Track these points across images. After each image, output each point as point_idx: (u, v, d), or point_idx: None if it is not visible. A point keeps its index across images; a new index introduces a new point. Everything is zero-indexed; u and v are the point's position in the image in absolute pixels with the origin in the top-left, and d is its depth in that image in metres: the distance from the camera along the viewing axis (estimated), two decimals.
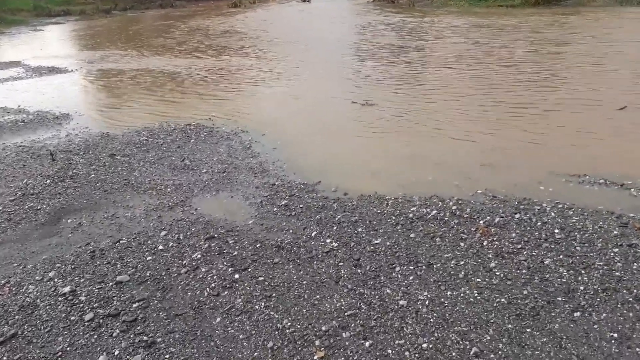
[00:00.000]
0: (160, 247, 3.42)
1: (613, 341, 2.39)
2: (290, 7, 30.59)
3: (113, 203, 4.26)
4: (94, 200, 4.31)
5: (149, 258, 3.28)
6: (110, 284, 3.04)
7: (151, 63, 12.03)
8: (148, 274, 3.11)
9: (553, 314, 2.58)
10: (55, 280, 3.09)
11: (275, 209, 3.99)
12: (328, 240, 3.39)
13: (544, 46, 10.79)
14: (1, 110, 7.82)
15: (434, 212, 3.76)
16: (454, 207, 3.82)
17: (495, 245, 3.23)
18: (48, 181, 4.74)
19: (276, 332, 2.57)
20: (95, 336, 2.60)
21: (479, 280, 2.89)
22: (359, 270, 3.03)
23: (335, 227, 3.58)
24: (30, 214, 4.05)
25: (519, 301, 2.69)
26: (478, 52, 10.78)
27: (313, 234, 3.50)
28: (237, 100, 7.97)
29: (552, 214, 3.61)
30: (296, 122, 6.62)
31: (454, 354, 2.36)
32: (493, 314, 2.60)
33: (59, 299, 2.91)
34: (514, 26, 14.18)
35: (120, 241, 3.53)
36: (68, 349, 2.53)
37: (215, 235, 3.55)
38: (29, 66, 12.35)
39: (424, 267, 3.04)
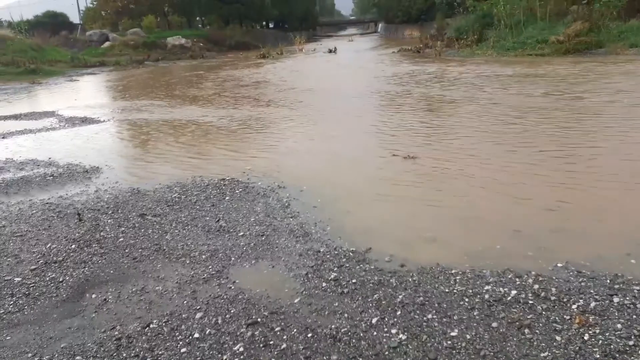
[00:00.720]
0: (196, 335, 2.93)
1: None
2: (317, 57, 31.10)
3: (142, 273, 3.83)
4: (122, 270, 3.89)
5: (183, 350, 2.79)
6: None
7: (183, 114, 11.94)
8: None
9: None
10: None
11: (323, 283, 3.49)
12: (394, 331, 2.85)
13: (599, 96, 10.30)
14: (31, 163, 7.64)
15: (514, 292, 3.19)
16: (536, 286, 3.25)
17: (600, 341, 2.64)
18: (73, 246, 4.36)
19: None
20: None
21: None
22: None
23: (399, 312, 3.04)
24: (51, 288, 3.63)
25: None
26: (522, 101, 10.34)
27: (373, 321, 2.96)
28: (272, 153, 7.63)
29: None
30: (335, 177, 6.19)
31: None
32: None
33: None
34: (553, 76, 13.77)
35: (151, 325, 3.06)
36: None
37: (259, 320, 3.05)
38: (62, 116, 12.41)
39: None
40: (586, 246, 3.87)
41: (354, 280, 3.48)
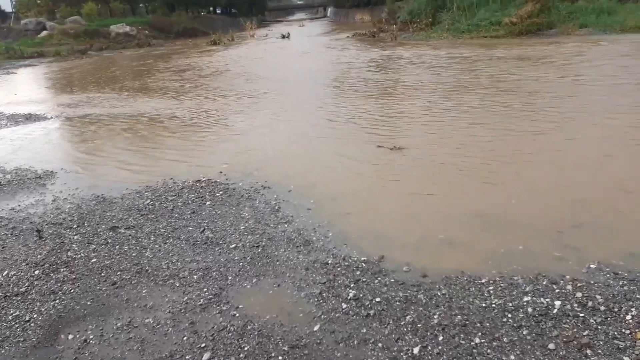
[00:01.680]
0: None
1: None
2: (271, 44, 30.24)
3: (126, 302, 3.27)
4: (101, 300, 3.31)
5: None
6: None
7: (137, 107, 11.09)
8: None
9: None
10: None
11: (343, 304, 3.06)
12: None
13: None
14: None
15: (557, 302, 2.88)
16: (579, 295, 2.95)
17: None
18: (37, 272, 3.72)
19: None
20: None
21: None
22: None
23: (440, 337, 2.66)
24: (17, 330, 3.02)
25: None
26: (516, 83, 10.20)
27: (415, 351, 2.57)
28: (245, 149, 7.06)
29: None
30: (322, 174, 5.75)
31: None
32: None
33: None
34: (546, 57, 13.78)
35: None
36: None
37: (280, 359, 2.59)
38: (2, 114, 11.27)
39: None
40: (613, 242, 3.63)
41: (377, 299, 3.07)
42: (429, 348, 2.58)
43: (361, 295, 3.13)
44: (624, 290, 2.97)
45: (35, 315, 3.15)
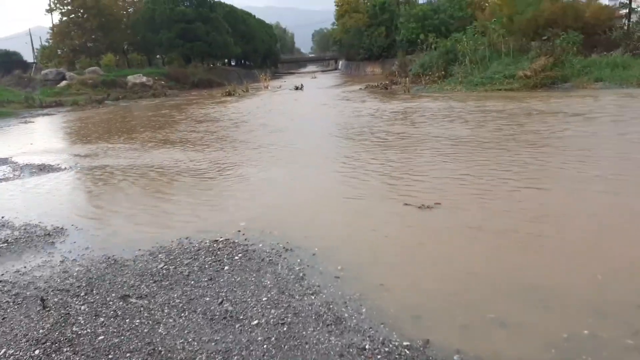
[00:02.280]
0: None
1: None
2: (284, 95, 30.62)
3: None
4: None
5: None
6: None
7: (153, 159, 10.90)
8: None
9: None
10: None
11: None
12: None
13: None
14: None
15: None
16: None
17: None
18: (37, 351, 3.31)
19: None
20: None
21: None
22: None
23: None
24: None
25: None
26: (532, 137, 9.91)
27: None
28: (264, 202, 6.75)
29: None
30: (348, 235, 5.37)
31: None
32: None
33: None
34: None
35: None
36: None
37: None
38: (16, 164, 11.14)
39: None
40: None
41: None
42: None
43: None
44: None
45: None
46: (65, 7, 48.01)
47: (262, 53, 72.95)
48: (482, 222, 5.37)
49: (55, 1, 48.20)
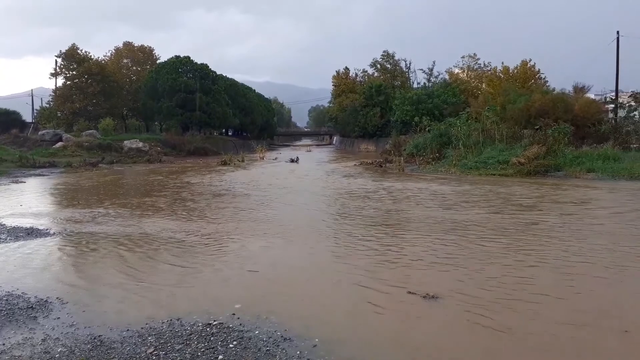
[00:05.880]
0: None
1: None
2: (281, 167, 30.91)
3: None
4: None
5: None
6: None
7: (145, 227, 10.65)
8: None
9: None
10: None
11: None
12: None
13: None
14: None
15: None
16: None
17: None
18: None
19: None
20: None
21: None
22: None
23: None
24: None
25: None
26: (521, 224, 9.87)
27: None
28: (260, 281, 6.52)
29: None
30: (349, 324, 5.10)
31: None
32: None
33: None
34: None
35: None
36: None
37: None
38: (4, 226, 10.79)
39: None
40: None
41: None
42: None
43: None
44: None
45: None
46: (71, 72, 49.40)
47: (259, 125, 74.67)
48: (490, 314, 5.15)
49: (61, 65, 49.68)
